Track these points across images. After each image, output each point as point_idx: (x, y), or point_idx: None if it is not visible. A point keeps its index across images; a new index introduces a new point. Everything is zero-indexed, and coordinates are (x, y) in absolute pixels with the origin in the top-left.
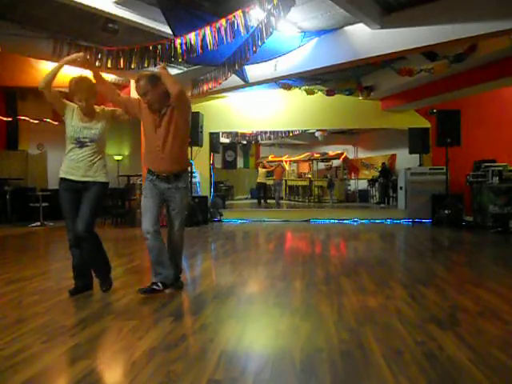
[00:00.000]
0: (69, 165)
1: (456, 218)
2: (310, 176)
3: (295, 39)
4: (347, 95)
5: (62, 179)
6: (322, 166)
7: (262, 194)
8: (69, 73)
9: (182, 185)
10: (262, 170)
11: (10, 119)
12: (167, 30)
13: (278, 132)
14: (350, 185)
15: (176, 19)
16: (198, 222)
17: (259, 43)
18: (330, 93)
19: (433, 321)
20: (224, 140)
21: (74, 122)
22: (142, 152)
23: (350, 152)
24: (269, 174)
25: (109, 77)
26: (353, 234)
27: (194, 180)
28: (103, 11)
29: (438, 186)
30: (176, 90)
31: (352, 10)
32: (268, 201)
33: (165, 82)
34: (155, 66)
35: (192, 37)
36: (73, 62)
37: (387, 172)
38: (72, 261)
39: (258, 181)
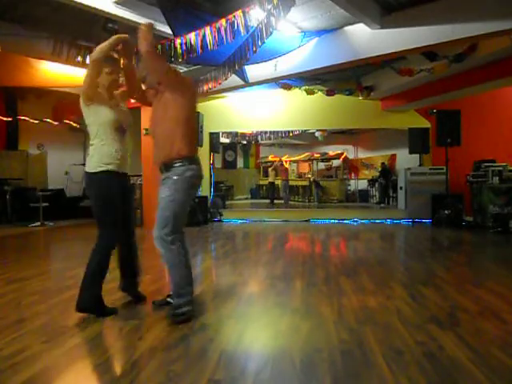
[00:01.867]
0: (117, 156)
1: (456, 217)
2: (310, 176)
3: (295, 39)
4: (347, 95)
5: (114, 173)
6: (322, 165)
7: (274, 193)
8: (70, 72)
9: (171, 175)
10: (271, 170)
11: (10, 119)
12: (167, 29)
13: (278, 132)
14: (350, 185)
15: (176, 19)
16: (198, 221)
17: (259, 43)
18: (329, 93)
19: (433, 321)
20: (224, 140)
21: (110, 105)
22: (141, 151)
23: (350, 152)
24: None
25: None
26: (353, 233)
27: None
28: (103, 11)
29: (438, 185)
30: (142, 48)
31: (352, 10)
32: (274, 201)
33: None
34: None
35: (192, 37)
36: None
37: (387, 172)
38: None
39: (270, 180)
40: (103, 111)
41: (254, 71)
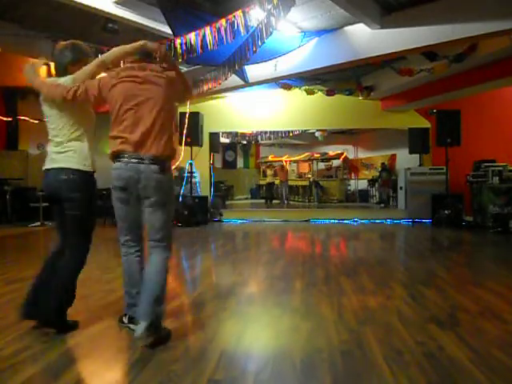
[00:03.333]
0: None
1: (456, 217)
2: (310, 176)
3: (295, 39)
4: (347, 95)
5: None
6: (322, 165)
7: (272, 194)
8: None
9: (160, 176)
10: (269, 171)
11: (9, 119)
12: (167, 29)
13: (278, 132)
14: (350, 185)
15: (176, 19)
16: (197, 222)
17: (259, 43)
18: (330, 93)
19: (433, 321)
20: (224, 140)
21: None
22: None
23: (350, 152)
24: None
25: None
26: (353, 233)
27: (193, 180)
28: (103, 11)
29: (438, 185)
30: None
31: (352, 10)
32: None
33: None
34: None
35: (192, 37)
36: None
37: (387, 172)
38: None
39: (268, 181)
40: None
41: (254, 71)
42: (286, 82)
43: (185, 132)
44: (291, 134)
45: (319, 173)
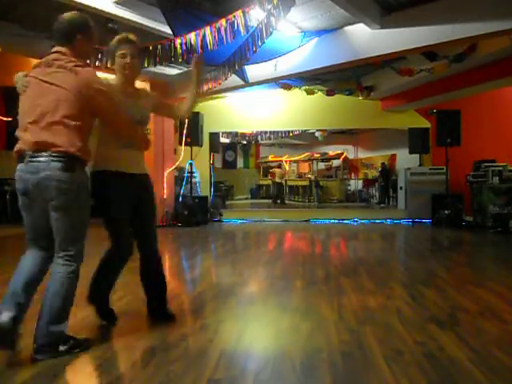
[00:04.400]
0: (122, 154)
1: (456, 217)
2: (310, 176)
3: (295, 39)
4: (347, 95)
5: (110, 173)
6: (322, 165)
7: (281, 193)
8: None
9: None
10: (278, 171)
11: (10, 119)
12: (167, 29)
13: (278, 132)
14: (350, 185)
15: (176, 19)
16: (197, 222)
17: (259, 43)
18: (329, 93)
19: (433, 321)
20: (224, 140)
21: (119, 98)
22: None
23: (350, 152)
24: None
25: (109, 77)
26: (353, 233)
27: (193, 180)
28: (103, 11)
29: (438, 185)
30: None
31: (352, 10)
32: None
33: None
34: (155, 65)
35: (192, 37)
36: None
37: (387, 172)
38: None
39: (278, 181)
40: None
41: (254, 71)
42: (286, 82)
43: (185, 132)
44: (291, 134)
45: (319, 173)
